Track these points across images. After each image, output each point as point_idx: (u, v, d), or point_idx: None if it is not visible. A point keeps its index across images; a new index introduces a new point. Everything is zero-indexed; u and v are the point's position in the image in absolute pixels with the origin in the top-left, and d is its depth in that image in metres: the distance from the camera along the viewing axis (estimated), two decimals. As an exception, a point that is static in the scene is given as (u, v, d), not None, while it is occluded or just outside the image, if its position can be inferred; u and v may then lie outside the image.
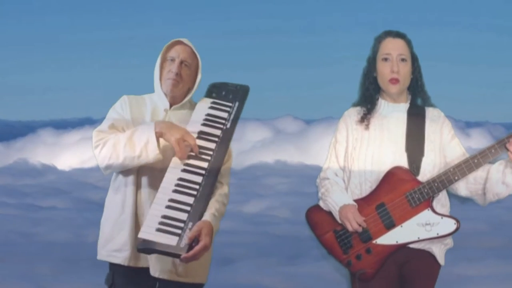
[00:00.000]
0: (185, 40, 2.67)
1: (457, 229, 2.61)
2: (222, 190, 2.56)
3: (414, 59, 2.73)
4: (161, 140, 2.51)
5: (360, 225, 2.60)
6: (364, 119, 2.71)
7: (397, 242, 2.61)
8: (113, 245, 2.56)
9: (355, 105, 2.79)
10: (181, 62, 2.62)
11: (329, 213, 2.69)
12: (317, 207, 2.74)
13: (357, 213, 2.61)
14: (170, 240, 2.34)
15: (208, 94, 2.68)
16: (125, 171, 2.56)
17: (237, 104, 2.63)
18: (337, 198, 2.66)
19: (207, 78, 2.75)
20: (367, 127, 2.70)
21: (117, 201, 2.57)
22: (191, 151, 2.53)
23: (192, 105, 2.67)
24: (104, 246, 2.59)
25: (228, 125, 2.59)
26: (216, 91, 2.67)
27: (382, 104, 2.74)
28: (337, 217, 2.65)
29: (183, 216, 2.40)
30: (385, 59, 2.68)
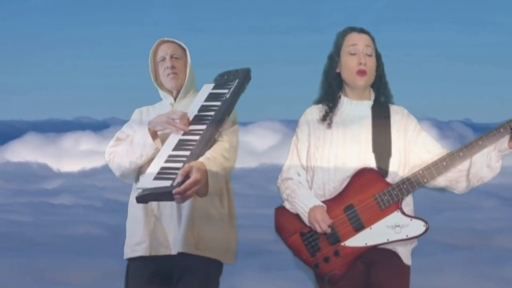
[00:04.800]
0: (166, 38, 2.86)
1: (426, 231, 2.60)
2: (221, 144, 2.67)
3: (378, 56, 2.72)
4: (160, 136, 2.72)
5: (329, 227, 2.59)
6: (326, 117, 2.69)
7: (366, 244, 2.60)
8: (134, 240, 2.77)
9: (316, 103, 2.77)
10: (171, 57, 2.83)
11: (295, 215, 2.67)
12: (282, 209, 2.72)
13: (325, 214, 2.60)
14: (164, 184, 2.46)
15: (213, 82, 2.86)
16: (137, 177, 2.77)
17: (237, 81, 2.76)
18: (306, 200, 2.63)
19: (204, 75, 2.95)
20: (329, 125, 2.68)
21: (133, 202, 2.71)
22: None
23: (196, 92, 2.86)
24: (128, 244, 2.80)
25: (227, 96, 2.73)
26: (219, 77, 2.86)
27: (345, 102, 2.72)
28: (306, 220, 2.63)
29: (179, 165, 2.51)
30: (352, 53, 2.67)
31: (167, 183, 2.45)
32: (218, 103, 2.71)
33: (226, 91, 2.75)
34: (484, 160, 2.60)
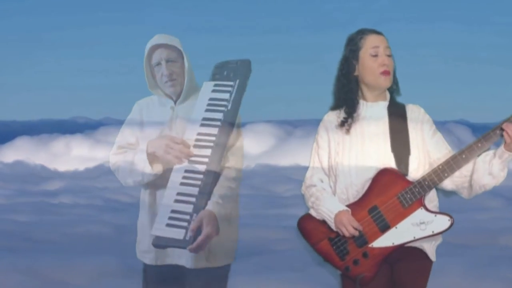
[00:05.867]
0: (159, 40, 2.78)
1: (451, 225, 2.61)
2: (228, 174, 2.67)
3: (392, 57, 2.72)
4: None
5: (356, 229, 2.60)
6: (345, 123, 2.69)
7: (393, 243, 2.61)
8: (142, 247, 2.82)
9: (333, 108, 2.77)
10: (167, 61, 2.76)
11: (322, 221, 2.68)
12: (308, 216, 2.73)
13: (351, 217, 2.61)
14: (177, 234, 2.55)
15: (212, 77, 2.78)
16: (144, 185, 2.80)
17: (237, 82, 2.68)
18: (330, 206, 2.65)
19: (204, 75, 2.87)
20: (347, 131, 2.68)
21: (143, 209, 2.80)
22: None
23: (197, 92, 2.78)
24: (138, 247, 2.86)
25: (229, 107, 2.66)
26: (218, 72, 2.76)
27: (361, 104, 2.72)
28: (332, 225, 2.64)
29: (189, 208, 2.55)
30: (374, 55, 2.66)
31: (180, 232, 2.53)
32: (220, 116, 2.65)
33: (227, 96, 2.68)
34: (486, 167, 2.61)
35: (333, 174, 2.69)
